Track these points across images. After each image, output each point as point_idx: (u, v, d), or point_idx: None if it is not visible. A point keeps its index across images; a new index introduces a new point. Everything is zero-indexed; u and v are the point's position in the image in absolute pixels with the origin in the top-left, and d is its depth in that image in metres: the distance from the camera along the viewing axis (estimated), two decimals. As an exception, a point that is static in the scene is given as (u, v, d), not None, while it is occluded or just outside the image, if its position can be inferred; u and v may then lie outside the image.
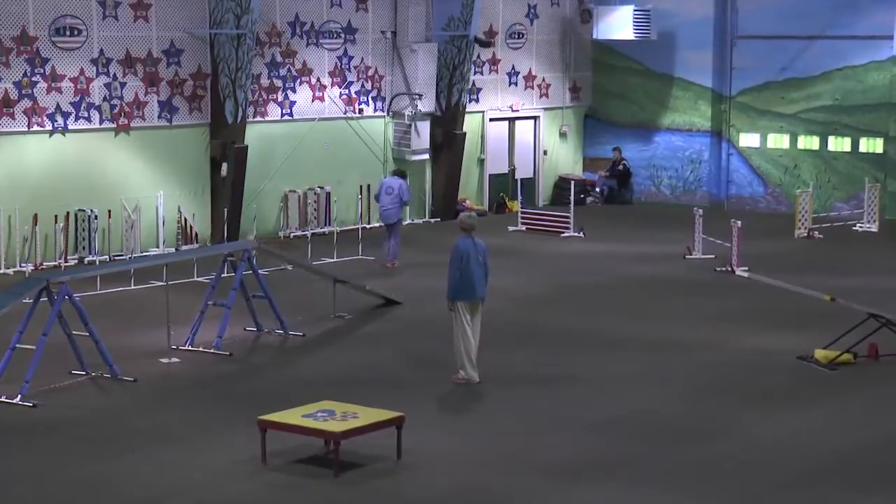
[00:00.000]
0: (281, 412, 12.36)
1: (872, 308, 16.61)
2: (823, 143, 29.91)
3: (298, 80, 26.07)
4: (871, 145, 29.35)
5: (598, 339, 17.36)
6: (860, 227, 27.47)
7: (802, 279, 19.83)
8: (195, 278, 20.66)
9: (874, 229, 27.22)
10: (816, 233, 26.36)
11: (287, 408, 12.56)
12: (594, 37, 31.01)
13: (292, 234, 25.43)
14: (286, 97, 25.89)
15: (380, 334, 17.63)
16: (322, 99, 26.52)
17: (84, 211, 22.44)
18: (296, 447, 12.23)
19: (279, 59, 25.71)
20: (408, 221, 27.06)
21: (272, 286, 17.76)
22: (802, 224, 26.46)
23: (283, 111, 25.88)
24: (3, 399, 13.91)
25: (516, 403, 14.26)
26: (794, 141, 30.26)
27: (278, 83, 25.72)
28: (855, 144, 29.55)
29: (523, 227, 27.05)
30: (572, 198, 27.31)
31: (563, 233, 26.43)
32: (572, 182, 28.54)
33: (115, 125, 23.16)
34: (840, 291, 17.82)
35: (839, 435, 13.16)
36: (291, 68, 25.93)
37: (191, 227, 24.05)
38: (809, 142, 30.10)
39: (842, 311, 16.91)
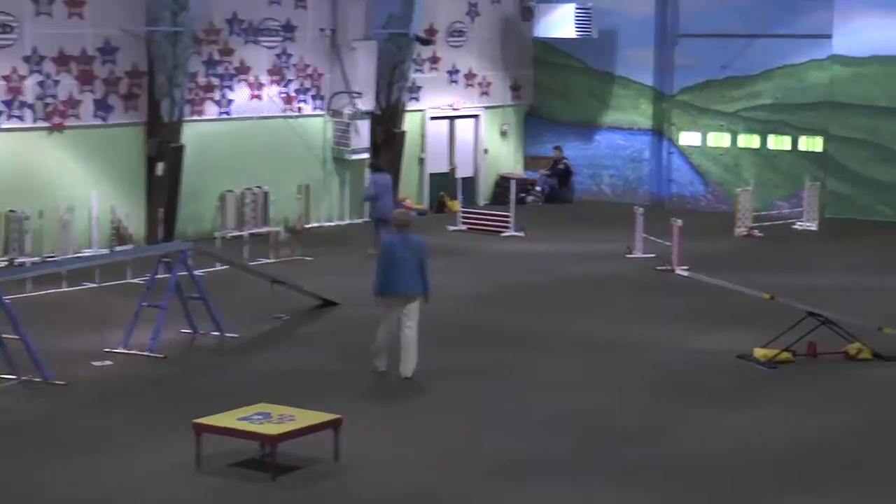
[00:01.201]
0: (216, 415, 12.15)
1: (811, 306, 16.63)
2: (764, 141, 30.02)
3: (236, 79, 25.81)
4: (811, 144, 29.49)
5: (541, 338, 17.26)
6: (800, 225, 27.56)
7: (742, 278, 19.83)
8: (129, 280, 20.37)
9: (814, 228, 27.32)
10: (756, 231, 26.42)
11: (223, 410, 12.33)
12: (535, 34, 30.99)
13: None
14: (224, 96, 25.61)
15: (317, 335, 17.46)
16: (260, 97, 26.26)
17: (15, 212, 22.06)
18: (232, 450, 12.01)
19: (216, 57, 25.43)
20: (347, 221, 26.89)
21: (209, 287, 17.50)
22: (742, 223, 26.52)
23: (221, 110, 25.60)
24: (-70, 404, 13.62)
25: (458, 403, 14.12)
26: (734, 139, 30.35)
27: (216, 81, 25.45)
28: (795, 143, 29.68)
29: (464, 227, 26.92)
30: (513, 197, 27.18)
31: (503, 232, 26.32)
32: (513, 181, 28.43)
33: (48, 124, 22.79)
34: (779, 290, 17.83)
35: (781, 434, 13.14)
36: (229, 66, 25.66)
37: (125, 227, 23.69)
38: (750, 140, 30.19)
39: (781, 309, 16.89)
